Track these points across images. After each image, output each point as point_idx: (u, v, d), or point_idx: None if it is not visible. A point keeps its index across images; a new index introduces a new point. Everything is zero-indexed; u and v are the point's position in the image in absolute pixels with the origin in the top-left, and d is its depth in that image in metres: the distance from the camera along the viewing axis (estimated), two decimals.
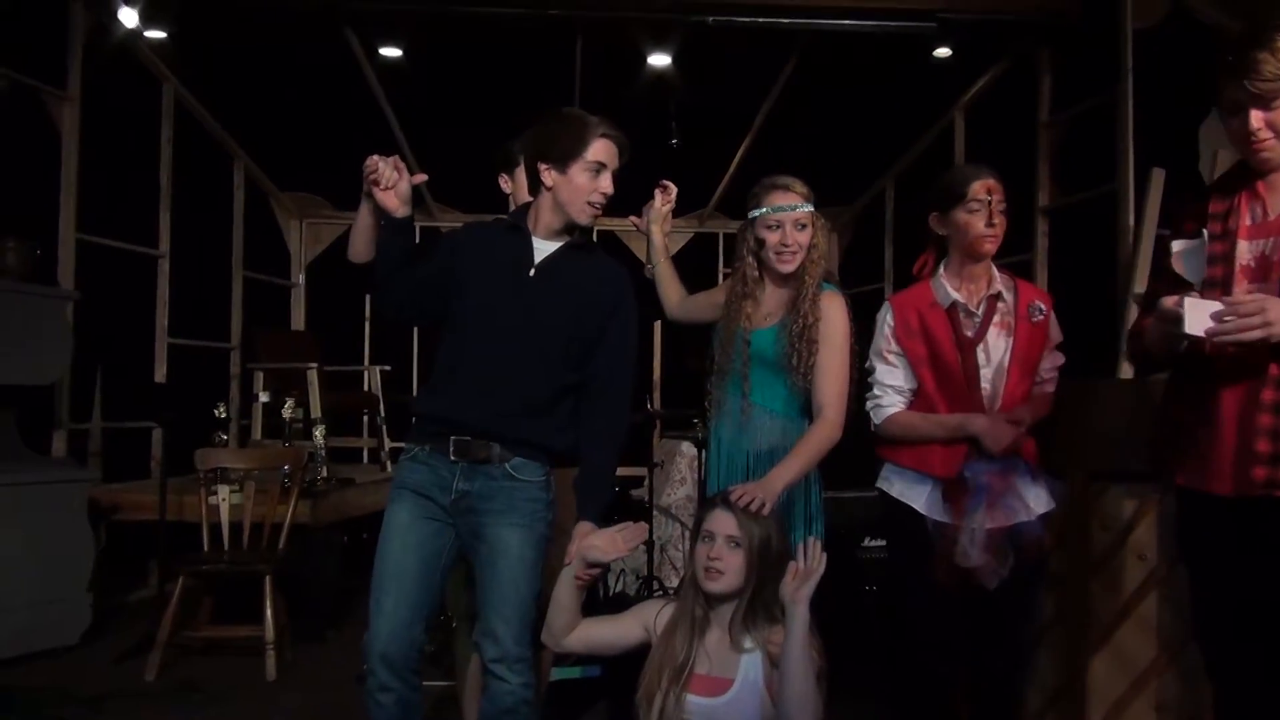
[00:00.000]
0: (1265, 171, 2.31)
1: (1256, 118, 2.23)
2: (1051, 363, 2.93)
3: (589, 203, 2.69)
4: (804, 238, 2.90)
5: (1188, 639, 3.06)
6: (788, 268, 2.90)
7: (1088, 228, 5.38)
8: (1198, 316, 2.15)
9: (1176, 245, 2.44)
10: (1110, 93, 5.03)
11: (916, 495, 2.84)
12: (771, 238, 2.90)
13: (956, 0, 5.31)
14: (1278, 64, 2.16)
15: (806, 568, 2.45)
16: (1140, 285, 4.71)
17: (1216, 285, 2.30)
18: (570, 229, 2.76)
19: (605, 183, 2.69)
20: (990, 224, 2.80)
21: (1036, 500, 2.82)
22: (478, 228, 2.95)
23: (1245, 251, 2.29)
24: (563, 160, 2.67)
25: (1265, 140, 2.24)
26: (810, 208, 2.92)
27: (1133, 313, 4.68)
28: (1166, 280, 2.43)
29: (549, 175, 2.70)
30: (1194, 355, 2.30)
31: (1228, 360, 2.25)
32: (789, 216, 2.89)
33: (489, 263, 2.74)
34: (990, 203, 2.80)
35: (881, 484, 2.95)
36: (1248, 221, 2.30)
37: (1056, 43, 5.72)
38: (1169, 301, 2.22)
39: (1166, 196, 4.76)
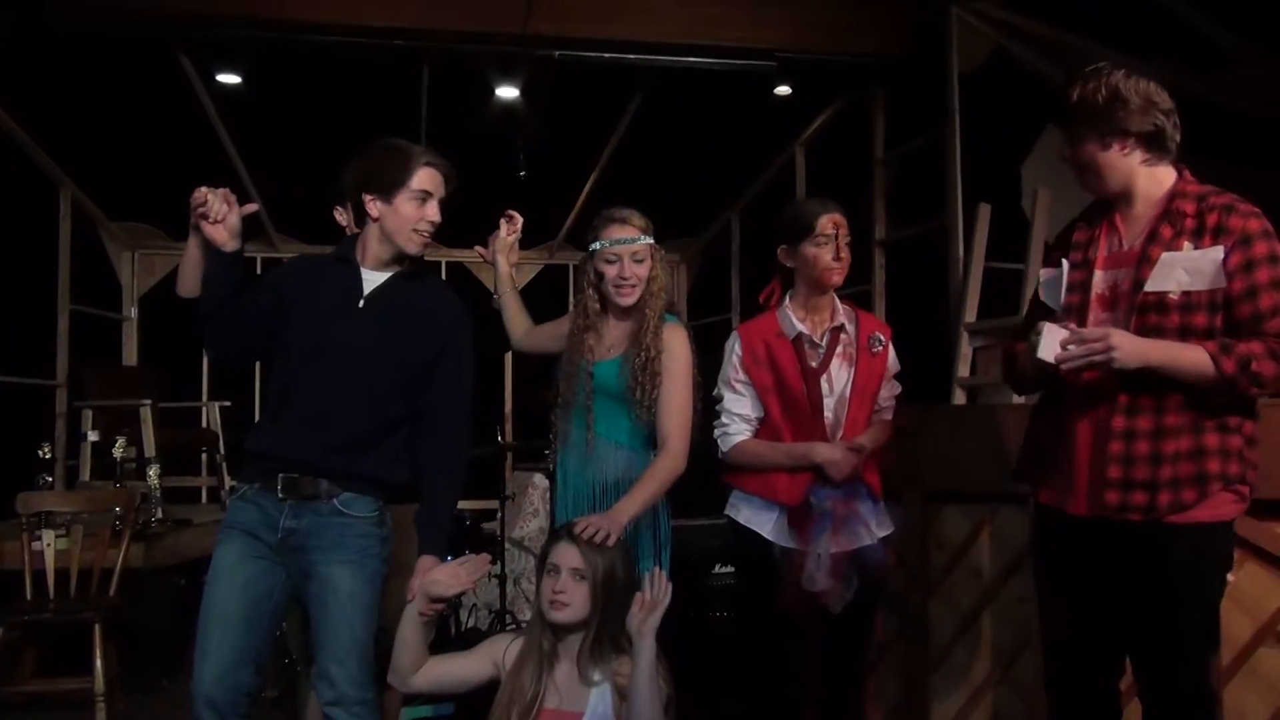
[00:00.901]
0: (1113, 199, 2.42)
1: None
2: (889, 392, 3.03)
3: (415, 231, 2.68)
4: (642, 270, 2.92)
5: (1019, 652, 3.21)
6: (627, 300, 2.93)
7: (921, 260, 5.60)
8: (1051, 342, 2.27)
9: (1043, 274, 2.56)
10: (938, 132, 5.27)
11: (763, 522, 2.89)
12: (610, 271, 2.92)
13: (794, 41, 5.48)
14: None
15: (652, 599, 2.47)
16: (970, 314, 4.93)
17: (1073, 313, 2.41)
18: (400, 259, 2.73)
19: (432, 211, 2.68)
20: (838, 257, 2.89)
21: (879, 524, 2.90)
22: (306, 261, 2.92)
23: (1100, 281, 2.39)
24: (387, 190, 2.65)
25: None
26: (648, 240, 2.94)
27: (964, 340, 4.89)
28: (1037, 308, 2.55)
29: (374, 206, 2.67)
30: (1056, 381, 2.40)
31: (1084, 387, 2.36)
32: (626, 249, 2.91)
33: (317, 296, 2.69)
34: (837, 236, 2.89)
35: (729, 511, 2.99)
36: (1105, 252, 2.41)
37: (888, 84, 5.97)
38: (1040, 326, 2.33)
39: (993, 230, 5.01)
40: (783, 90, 5.86)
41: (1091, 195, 2.46)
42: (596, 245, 2.95)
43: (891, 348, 3.01)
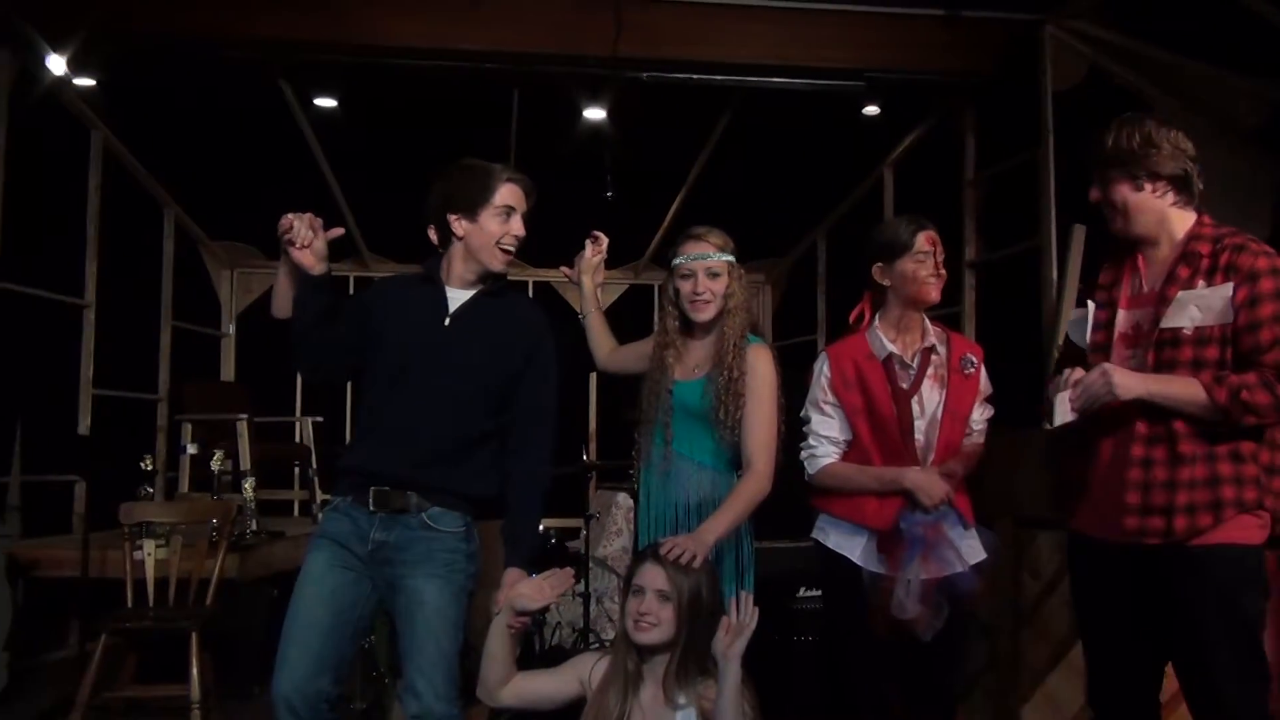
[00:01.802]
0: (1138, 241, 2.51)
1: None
2: (982, 414, 2.98)
3: (499, 246, 2.73)
4: (717, 286, 2.93)
5: None
6: (701, 316, 2.94)
7: (1013, 282, 5.50)
8: (1063, 405, 2.39)
9: (1073, 315, 2.66)
10: (1032, 151, 5.17)
11: (852, 546, 2.86)
12: (685, 287, 2.94)
13: (883, 60, 5.43)
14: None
15: (739, 623, 2.45)
16: (1063, 338, 4.82)
17: (1100, 350, 2.50)
18: (484, 276, 2.78)
19: (516, 225, 2.73)
20: (936, 274, 2.89)
21: (969, 551, 2.85)
22: (393, 281, 2.98)
23: (1123, 320, 2.50)
24: (471, 209, 2.71)
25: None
26: (725, 257, 2.95)
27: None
28: (1068, 347, 2.66)
29: (459, 225, 2.73)
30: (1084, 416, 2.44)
31: (1107, 417, 2.42)
32: (700, 265, 2.92)
33: (405, 315, 2.75)
34: (934, 253, 2.88)
35: (817, 534, 2.96)
36: (1128, 293, 2.51)
37: (979, 102, 5.88)
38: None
39: (1088, 252, 4.90)
40: (871, 110, 5.80)
41: (1119, 237, 2.55)
42: (675, 262, 2.98)
43: (984, 369, 2.96)
